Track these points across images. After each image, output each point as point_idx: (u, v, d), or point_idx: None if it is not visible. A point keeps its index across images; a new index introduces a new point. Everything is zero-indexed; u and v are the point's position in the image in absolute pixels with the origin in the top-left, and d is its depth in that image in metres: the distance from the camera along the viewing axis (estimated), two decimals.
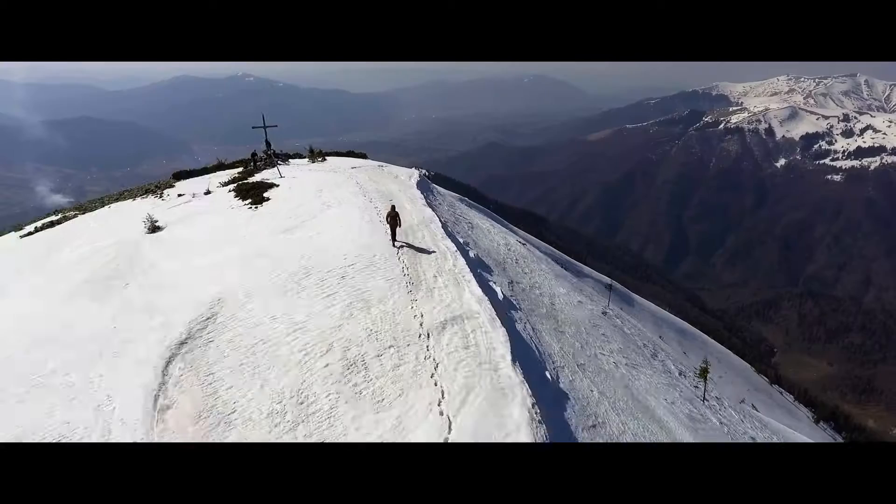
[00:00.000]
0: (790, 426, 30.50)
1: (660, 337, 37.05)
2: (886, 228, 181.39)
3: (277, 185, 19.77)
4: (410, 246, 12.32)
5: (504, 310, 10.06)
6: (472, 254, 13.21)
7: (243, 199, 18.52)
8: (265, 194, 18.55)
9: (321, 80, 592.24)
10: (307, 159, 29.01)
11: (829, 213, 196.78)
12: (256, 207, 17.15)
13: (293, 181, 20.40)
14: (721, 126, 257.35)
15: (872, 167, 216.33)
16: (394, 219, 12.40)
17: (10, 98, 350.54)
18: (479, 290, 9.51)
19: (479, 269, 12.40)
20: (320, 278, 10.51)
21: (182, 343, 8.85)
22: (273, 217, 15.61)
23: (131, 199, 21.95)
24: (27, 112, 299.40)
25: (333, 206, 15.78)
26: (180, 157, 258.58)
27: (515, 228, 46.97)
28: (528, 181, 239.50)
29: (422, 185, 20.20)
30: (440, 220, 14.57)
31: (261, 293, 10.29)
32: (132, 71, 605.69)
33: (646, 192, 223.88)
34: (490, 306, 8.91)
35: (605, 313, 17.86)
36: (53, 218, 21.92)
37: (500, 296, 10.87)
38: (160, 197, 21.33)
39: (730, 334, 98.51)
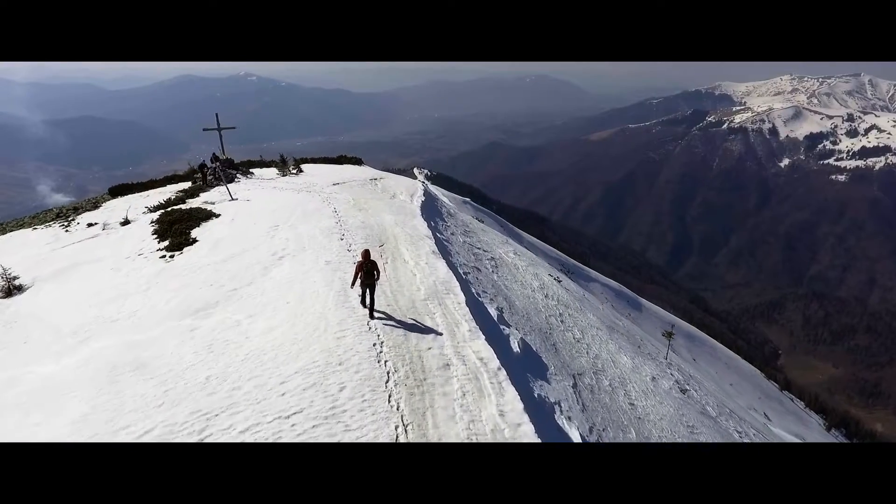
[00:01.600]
0: (803, 435, 27.46)
1: (670, 346, 33.81)
2: (891, 228, 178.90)
3: (218, 216, 14.38)
4: (412, 330, 7.19)
5: None
6: (515, 343, 8.10)
7: (162, 237, 13.20)
8: (194, 232, 13.17)
9: (323, 79, 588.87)
10: (276, 170, 23.60)
11: (833, 214, 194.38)
12: (173, 256, 11.91)
13: (244, 208, 15.04)
14: (724, 126, 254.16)
15: (877, 167, 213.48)
16: (369, 275, 7.83)
17: (12, 97, 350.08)
18: None
19: (531, 374, 7.39)
20: None
21: None
22: (189, 277, 10.35)
23: (31, 228, 16.59)
24: (29, 111, 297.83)
25: (289, 256, 10.52)
26: (182, 156, 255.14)
27: (535, 242, 42.49)
28: (531, 181, 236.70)
29: (428, 210, 15.04)
30: (461, 281, 9.34)
31: None
32: (134, 70, 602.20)
33: (648, 192, 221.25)
34: None
35: (684, 391, 13.38)
36: None
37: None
38: (66, 226, 16.05)
39: (735, 336, 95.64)
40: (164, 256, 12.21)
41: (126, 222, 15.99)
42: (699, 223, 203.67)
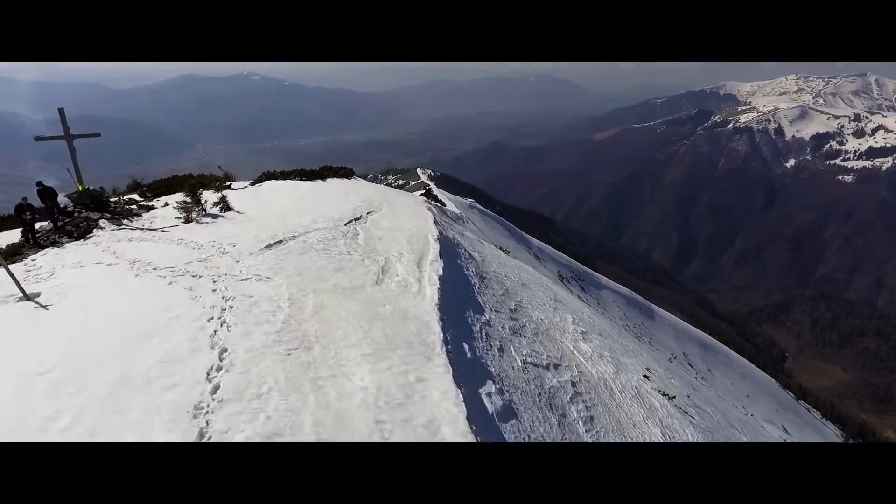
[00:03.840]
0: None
1: (684, 353, 32.63)
2: None
3: None
4: None
5: None
6: None
7: None
8: None
9: (326, 78, 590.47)
10: (177, 211, 14.00)
11: (840, 214, 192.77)
12: None
13: (15, 343, 6.50)
14: (729, 126, 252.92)
15: (885, 167, 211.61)
16: None
17: (15, 96, 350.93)
18: None
19: None
20: None
21: None
22: None
23: None
24: (32, 110, 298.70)
25: None
26: (185, 156, 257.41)
27: (543, 247, 40.79)
28: (534, 181, 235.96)
29: (453, 300, 8.90)
30: None
31: None
32: (137, 70, 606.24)
33: (653, 192, 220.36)
34: None
35: None
36: None
37: None
38: None
39: (742, 340, 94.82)
40: None
41: None
42: (704, 224, 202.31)
